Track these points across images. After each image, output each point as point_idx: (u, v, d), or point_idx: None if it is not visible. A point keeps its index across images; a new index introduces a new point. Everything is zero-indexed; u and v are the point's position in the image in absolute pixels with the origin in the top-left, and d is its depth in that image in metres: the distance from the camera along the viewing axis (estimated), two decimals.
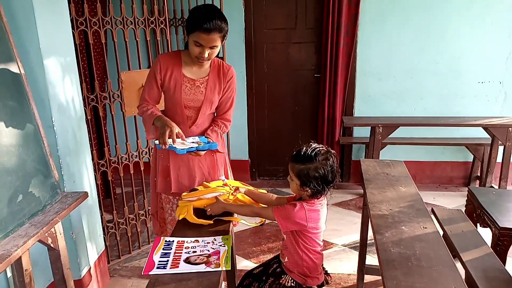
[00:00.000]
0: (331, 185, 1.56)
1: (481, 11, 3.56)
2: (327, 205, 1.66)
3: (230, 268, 1.46)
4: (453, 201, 3.64)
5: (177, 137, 1.80)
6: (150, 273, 1.42)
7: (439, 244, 1.47)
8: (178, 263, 1.47)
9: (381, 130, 3.38)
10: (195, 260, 1.49)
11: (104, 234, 2.62)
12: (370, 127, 3.52)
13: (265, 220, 1.80)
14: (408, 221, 1.63)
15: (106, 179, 2.70)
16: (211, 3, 3.10)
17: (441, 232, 2.05)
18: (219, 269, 1.43)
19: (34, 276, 1.95)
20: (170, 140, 1.77)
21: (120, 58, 2.58)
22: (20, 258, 1.78)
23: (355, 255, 2.84)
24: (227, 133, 3.46)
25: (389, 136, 3.56)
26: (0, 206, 1.52)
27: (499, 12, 3.54)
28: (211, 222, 1.72)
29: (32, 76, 1.87)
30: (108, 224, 2.71)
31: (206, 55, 1.85)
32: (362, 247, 2.32)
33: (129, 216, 2.82)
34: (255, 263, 2.76)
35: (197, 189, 1.85)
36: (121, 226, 2.78)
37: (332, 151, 1.60)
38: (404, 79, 3.77)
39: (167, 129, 1.77)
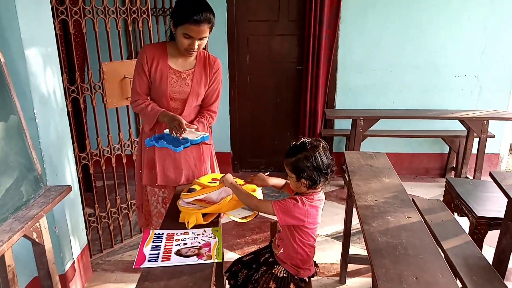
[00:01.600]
0: (326, 172, 1.56)
1: (459, 6, 3.65)
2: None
3: (221, 260, 1.47)
4: (429, 191, 3.76)
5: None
6: (141, 266, 1.42)
7: (424, 233, 1.53)
8: (170, 256, 1.47)
9: (362, 123, 3.44)
10: (186, 253, 1.50)
11: (86, 228, 2.57)
12: (351, 119, 3.58)
13: (257, 214, 1.80)
14: (393, 211, 1.68)
15: (86, 172, 2.65)
16: None
17: None
18: (211, 261, 1.44)
19: (16, 271, 1.91)
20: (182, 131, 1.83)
21: (101, 49, 2.52)
22: (3, 254, 1.74)
23: (337, 245, 2.90)
24: None
25: (370, 129, 3.63)
26: None
27: (476, 7, 3.65)
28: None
29: (13, 67, 1.81)
30: (90, 218, 2.67)
31: (196, 46, 1.85)
32: (345, 237, 2.37)
33: (111, 209, 2.78)
34: (239, 254, 2.78)
35: (195, 189, 1.82)
36: (103, 220, 2.74)
37: (322, 140, 1.62)
38: (384, 72, 3.84)
39: (177, 121, 1.83)
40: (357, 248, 2.80)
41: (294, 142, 1.60)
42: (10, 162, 1.68)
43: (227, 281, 1.81)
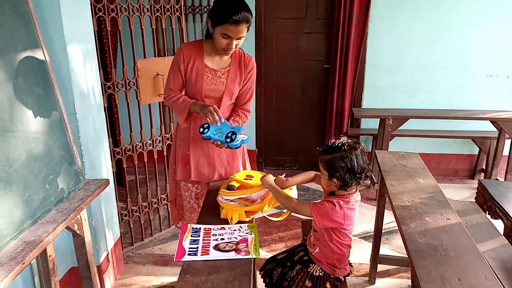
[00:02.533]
0: (359, 176, 1.55)
1: (490, 5, 3.57)
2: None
3: (259, 256, 1.49)
4: (458, 193, 3.69)
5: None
6: (182, 259, 1.45)
7: (464, 235, 1.51)
8: (209, 250, 1.50)
9: (391, 122, 3.41)
10: (225, 247, 1.52)
11: (119, 221, 2.63)
12: (379, 119, 3.55)
13: (290, 213, 1.80)
14: (431, 213, 1.67)
15: (119, 166, 2.71)
16: None
17: None
18: (249, 256, 1.46)
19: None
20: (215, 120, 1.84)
21: (135, 46, 2.56)
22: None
23: (365, 244, 2.89)
24: None
25: (399, 128, 3.59)
26: (29, 192, 1.53)
27: (507, 5, 3.56)
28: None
29: (56, 63, 1.86)
30: (122, 212, 2.72)
31: (234, 46, 1.87)
32: (376, 237, 2.36)
33: (142, 204, 2.83)
34: (266, 251, 2.80)
35: (233, 186, 1.84)
36: (134, 213, 2.80)
37: (362, 143, 1.61)
38: (413, 72, 3.79)
39: (210, 107, 1.84)
40: (386, 249, 2.79)
41: (333, 140, 1.60)
42: (53, 156, 1.73)
43: (262, 279, 1.82)
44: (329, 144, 1.58)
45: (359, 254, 2.75)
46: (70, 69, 1.94)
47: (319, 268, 1.65)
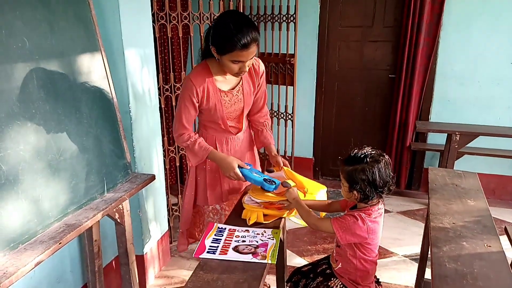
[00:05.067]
0: (380, 190, 1.49)
1: None
2: (391, 212, 1.60)
3: (275, 262, 1.48)
4: None
5: (240, 167, 1.84)
6: (200, 256, 1.50)
7: (503, 265, 1.36)
8: (227, 250, 1.53)
9: (458, 138, 3.15)
10: (243, 250, 1.54)
11: (168, 216, 2.78)
12: (446, 134, 3.30)
13: None
14: (471, 237, 1.52)
15: (179, 164, 2.85)
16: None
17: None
18: (265, 261, 1.46)
19: (103, 247, 2.16)
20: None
21: (196, 52, 2.70)
22: (90, 229, 1.98)
23: (415, 266, 2.70)
24: (292, 129, 3.48)
25: (468, 146, 3.31)
26: (76, 181, 1.70)
27: None
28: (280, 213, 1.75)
29: (114, 65, 2.05)
30: (173, 207, 2.88)
31: (247, 68, 1.76)
32: (422, 260, 2.20)
33: None
34: (308, 261, 2.75)
35: (289, 184, 1.80)
36: None
37: (386, 155, 1.53)
38: (490, 85, 3.46)
39: (231, 171, 1.81)
40: None
41: (355, 151, 1.54)
42: (103, 149, 1.90)
43: None
44: (352, 154, 1.52)
45: (406, 276, 2.58)
46: (126, 71, 2.11)
47: (340, 283, 1.59)
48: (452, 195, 1.92)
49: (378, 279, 1.71)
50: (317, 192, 1.91)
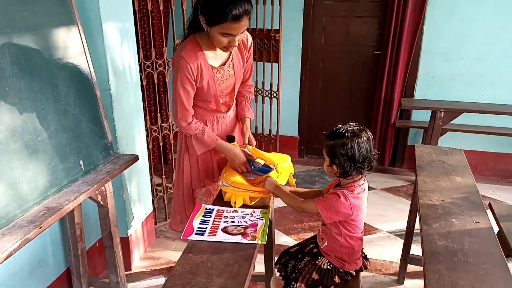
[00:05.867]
0: (360, 166, 1.47)
1: None
2: (375, 189, 1.59)
3: (266, 243, 1.46)
4: None
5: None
6: (188, 238, 1.46)
7: (491, 241, 1.37)
8: (216, 232, 1.49)
9: (442, 115, 3.16)
10: (232, 231, 1.51)
11: (153, 196, 2.73)
12: (430, 111, 3.31)
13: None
14: (460, 214, 1.53)
15: (163, 144, 2.78)
16: None
17: (496, 229, 1.91)
18: (255, 242, 1.44)
19: (86, 230, 2.09)
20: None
21: (177, 26, 2.59)
22: (72, 211, 1.92)
23: (399, 242, 2.74)
24: (277, 107, 3.43)
25: (452, 123, 3.33)
26: (55, 162, 1.62)
27: None
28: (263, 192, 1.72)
29: (92, 40, 1.94)
30: (157, 188, 2.82)
31: (237, 43, 1.67)
32: (408, 236, 2.22)
33: None
34: (294, 239, 2.76)
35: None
36: (169, 190, 2.88)
37: (368, 131, 1.52)
38: (474, 61, 3.47)
39: (240, 161, 1.80)
40: (419, 249, 2.61)
41: (339, 125, 1.51)
42: (83, 129, 1.81)
43: (278, 273, 1.80)
44: (335, 129, 1.50)
45: (391, 252, 2.62)
46: (105, 47, 2.01)
47: (327, 261, 1.59)
48: (439, 171, 1.92)
49: (366, 255, 1.71)
50: (285, 162, 1.89)
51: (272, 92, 3.49)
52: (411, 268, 2.34)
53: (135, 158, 2.03)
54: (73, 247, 1.97)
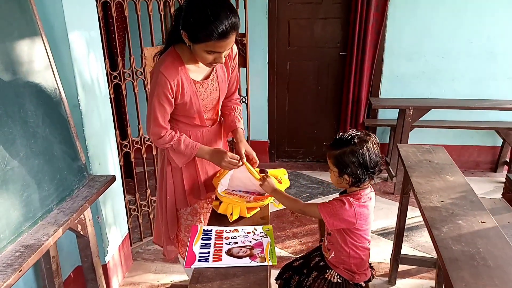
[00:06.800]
0: (372, 171, 1.43)
1: None
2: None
3: (276, 263, 1.36)
4: (480, 187, 3.51)
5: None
6: (192, 266, 1.33)
7: (502, 241, 1.36)
8: (221, 256, 1.38)
9: (411, 113, 3.23)
10: (238, 253, 1.40)
11: (127, 216, 2.53)
12: (398, 109, 3.37)
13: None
14: (464, 215, 1.52)
15: (127, 159, 2.60)
16: None
17: None
18: (265, 263, 1.34)
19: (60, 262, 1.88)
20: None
21: (142, 34, 2.43)
22: None
23: (383, 242, 2.76)
24: (246, 112, 3.34)
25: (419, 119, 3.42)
26: (29, 192, 1.43)
27: None
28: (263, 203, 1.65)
29: (57, 52, 1.74)
30: (130, 206, 2.62)
31: (223, 59, 1.53)
32: (398, 236, 2.22)
33: (152, 198, 2.73)
34: (280, 248, 2.69)
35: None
36: (143, 208, 2.69)
37: (373, 135, 1.48)
38: (435, 59, 3.59)
39: (226, 159, 1.65)
40: (406, 247, 2.64)
41: (341, 133, 1.46)
42: (55, 151, 1.62)
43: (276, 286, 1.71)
44: (337, 137, 1.44)
45: (378, 252, 2.62)
46: (72, 58, 1.82)
47: (336, 274, 1.52)
48: (429, 171, 1.92)
49: (371, 264, 1.67)
50: (283, 176, 1.83)
51: (242, 97, 3.39)
52: (400, 267, 2.34)
53: (112, 179, 1.86)
54: (49, 284, 1.76)
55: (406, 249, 2.58)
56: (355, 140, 1.40)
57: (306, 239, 2.78)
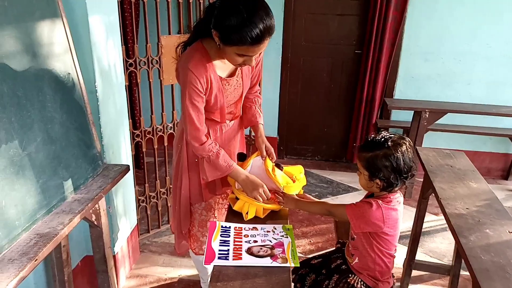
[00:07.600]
0: (405, 176, 1.38)
1: None
2: (359, 190, 1.51)
3: (299, 265, 1.32)
4: None
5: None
6: (212, 263, 1.29)
7: None
8: (241, 254, 1.33)
9: (427, 116, 3.17)
10: (258, 252, 1.35)
11: (136, 207, 2.49)
12: (413, 111, 3.31)
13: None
14: (491, 224, 1.47)
15: (137, 148, 2.55)
16: None
17: None
18: (287, 264, 1.30)
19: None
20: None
21: (160, 21, 2.37)
22: None
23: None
24: None
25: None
26: (45, 178, 1.39)
27: None
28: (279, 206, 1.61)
29: (77, 36, 1.68)
30: (139, 197, 2.58)
31: (254, 62, 1.48)
32: (413, 242, 2.17)
33: (161, 189, 2.69)
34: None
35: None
36: (152, 199, 2.65)
37: (407, 138, 1.42)
38: (452, 62, 3.53)
39: (258, 190, 1.57)
40: (419, 252, 2.58)
41: (373, 136, 1.41)
42: (71, 138, 1.57)
43: (292, 284, 1.66)
44: (369, 139, 1.39)
45: None
46: (91, 43, 1.76)
47: (360, 280, 1.48)
48: (452, 177, 1.87)
49: (393, 273, 1.62)
50: (301, 173, 1.79)
51: None
52: (412, 273, 2.30)
53: (126, 169, 1.82)
54: (59, 273, 1.72)
55: (418, 255, 2.53)
56: (389, 143, 1.35)
57: (315, 239, 2.73)
